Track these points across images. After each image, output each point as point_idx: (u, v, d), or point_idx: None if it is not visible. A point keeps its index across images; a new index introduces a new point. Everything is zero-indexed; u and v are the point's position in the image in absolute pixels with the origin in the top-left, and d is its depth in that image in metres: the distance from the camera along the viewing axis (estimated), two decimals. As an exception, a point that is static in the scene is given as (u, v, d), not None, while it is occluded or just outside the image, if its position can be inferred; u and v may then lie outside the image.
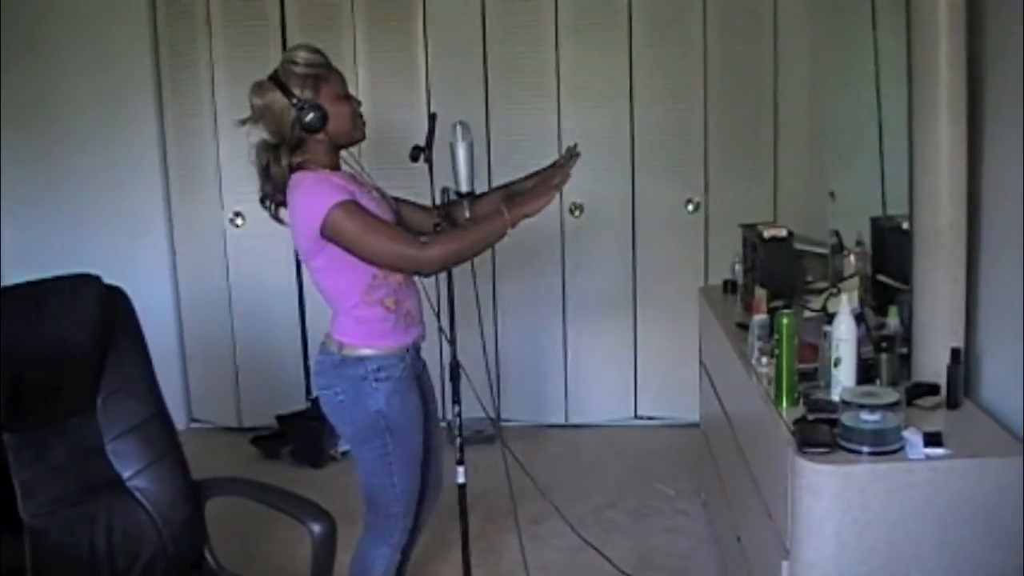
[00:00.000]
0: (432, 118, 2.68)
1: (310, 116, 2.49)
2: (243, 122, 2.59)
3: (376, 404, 2.59)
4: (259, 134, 2.59)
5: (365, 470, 2.70)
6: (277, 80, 2.52)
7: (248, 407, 4.95)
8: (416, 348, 2.72)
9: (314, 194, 2.49)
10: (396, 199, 2.77)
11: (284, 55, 2.57)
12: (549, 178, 2.63)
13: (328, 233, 2.46)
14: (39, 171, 4.86)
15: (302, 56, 2.52)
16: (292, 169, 2.55)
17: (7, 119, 4.72)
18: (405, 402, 2.64)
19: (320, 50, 2.56)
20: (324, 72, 2.53)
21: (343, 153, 2.65)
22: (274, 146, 2.56)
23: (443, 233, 2.60)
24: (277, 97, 2.51)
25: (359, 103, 2.63)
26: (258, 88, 2.54)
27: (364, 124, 2.64)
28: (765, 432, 2.54)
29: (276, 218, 2.66)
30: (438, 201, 2.71)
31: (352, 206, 2.45)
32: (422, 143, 2.67)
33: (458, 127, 2.67)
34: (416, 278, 2.68)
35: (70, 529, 2.31)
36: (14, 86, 4.71)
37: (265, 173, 2.59)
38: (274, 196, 2.61)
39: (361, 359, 2.58)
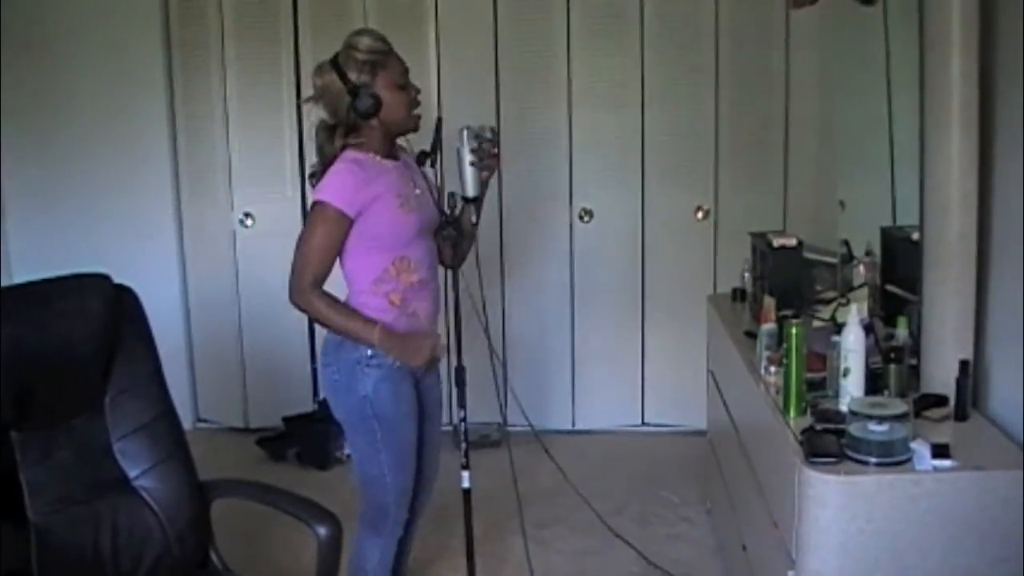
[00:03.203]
0: (438, 123, 2.69)
1: (363, 102, 2.55)
2: (307, 100, 2.68)
3: (364, 389, 2.64)
4: (319, 114, 2.67)
5: (357, 458, 2.76)
6: (336, 63, 2.58)
7: (255, 408, 4.96)
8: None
9: (332, 176, 2.58)
10: None
11: (347, 38, 2.63)
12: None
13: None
14: (49, 171, 4.87)
15: (364, 43, 2.59)
16: (344, 150, 2.63)
17: (16, 118, 4.73)
18: (394, 392, 2.67)
19: (383, 37, 2.63)
20: (382, 59, 2.60)
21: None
22: (331, 127, 2.65)
23: (335, 302, 2.61)
24: (334, 80, 2.58)
25: (418, 91, 2.67)
26: (319, 69, 2.63)
27: (419, 116, 2.68)
28: (772, 441, 2.54)
29: None
30: (445, 205, 2.73)
31: (332, 214, 2.54)
32: (427, 148, 2.69)
33: (464, 132, 2.67)
34: (440, 287, 2.78)
35: (76, 528, 2.31)
36: (24, 85, 4.73)
37: (320, 151, 2.68)
38: (322, 175, 2.65)
39: (357, 344, 2.63)
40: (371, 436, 2.68)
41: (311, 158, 2.75)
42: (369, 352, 2.63)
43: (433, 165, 2.67)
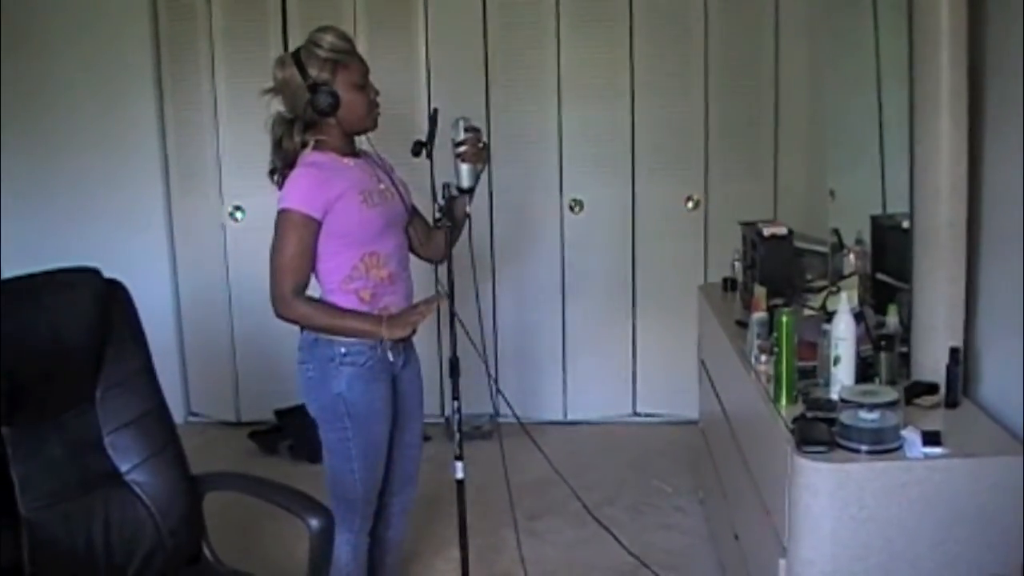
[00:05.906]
0: (434, 113, 2.69)
1: (321, 100, 2.56)
2: (266, 91, 2.68)
3: (338, 387, 2.64)
4: (278, 106, 2.67)
5: (328, 452, 2.75)
6: (297, 58, 2.59)
7: (246, 402, 4.96)
8: (394, 345, 2.70)
9: (292, 182, 2.59)
10: (413, 207, 2.83)
11: (311, 34, 2.62)
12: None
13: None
14: (39, 165, 4.85)
15: (327, 40, 2.58)
16: (304, 146, 2.64)
17: (6, 113, 4.71)
18: (367, 391, 2.66)
19: (348, 36, 2.62)
20: (345, 58, 2.59)
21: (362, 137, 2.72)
22: (289, 121, 2.65)
23: (321, 305, 2.63)
24: (294, 74, 2.58)
25: (377, 93, 2.68)
26: (280, 62, 2.63)
27: (378, 115, 2.69)
28: (764, 430, 2.54)
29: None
30: (438, 196, 2.73)
31: (299, 219, 2.54)
32: (423, 138, 2.68)
33: (460, 123, 2.67)
34: (413, 280, 2.78)
35: (68, 523, 2.30)
36: (13, 79, 4.70)
37: (277, 145, 2.67)
38: (283, 170, 2.67)
39: (331, 341, 2.63)
40: (342, 433, 2.67)
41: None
42: (343, 350, 2.62)
43: (429, 156, 2.67)
